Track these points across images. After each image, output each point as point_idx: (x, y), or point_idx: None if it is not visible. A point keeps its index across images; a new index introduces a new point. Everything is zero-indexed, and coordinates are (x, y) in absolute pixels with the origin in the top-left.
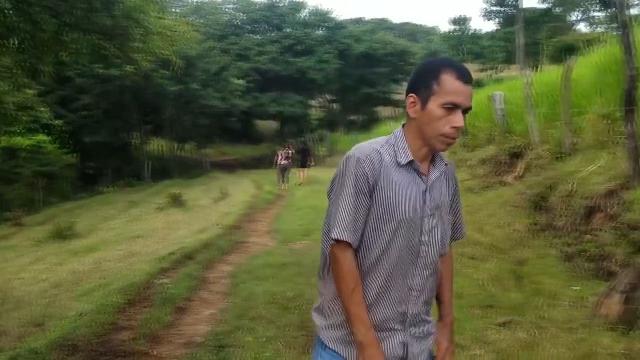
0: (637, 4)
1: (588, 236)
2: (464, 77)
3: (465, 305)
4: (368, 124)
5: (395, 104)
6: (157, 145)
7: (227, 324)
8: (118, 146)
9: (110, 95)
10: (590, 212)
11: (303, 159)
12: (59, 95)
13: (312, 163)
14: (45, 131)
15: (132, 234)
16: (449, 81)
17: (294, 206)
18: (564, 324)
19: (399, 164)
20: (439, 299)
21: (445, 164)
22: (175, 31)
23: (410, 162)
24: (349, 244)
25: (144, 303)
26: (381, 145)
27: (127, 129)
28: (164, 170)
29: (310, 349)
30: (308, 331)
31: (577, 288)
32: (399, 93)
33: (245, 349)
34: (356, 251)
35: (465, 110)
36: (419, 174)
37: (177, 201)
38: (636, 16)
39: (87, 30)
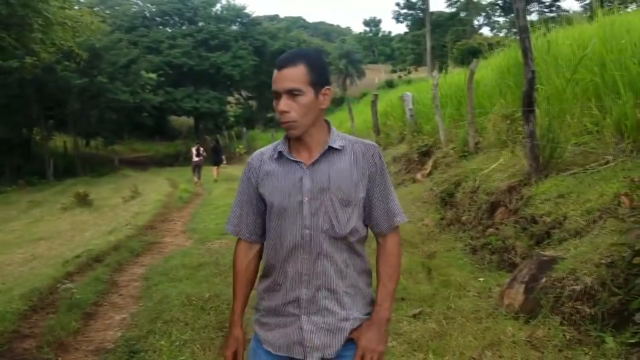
0: (535, 11)
1: (491, 230)
2: (276, 64)
3: None
4: None
5: None
6: (61, 141)
7: (139, 328)
8: (18, 143)
9: (10, 88)
10: (493, 207)
11: (215, 157)
12: None
13: (225, 161)
14: None
15: (34, 236)
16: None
17: (211, 204)
18: (470, 314)
19: (274, 158)
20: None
21: (333, 147)
22: (79, 22)
23: (280, 154)
24: (240, 238)
25: (48, 309)
26: (272, 145)
27: (29, 125)
28: (69, 167)
29: None
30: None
31: (482, 279)
32: None
33: (159, 354)
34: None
35: (287, 93)
36: (295, 162)
37: (83, 201)
38: (534, 22)
39: None
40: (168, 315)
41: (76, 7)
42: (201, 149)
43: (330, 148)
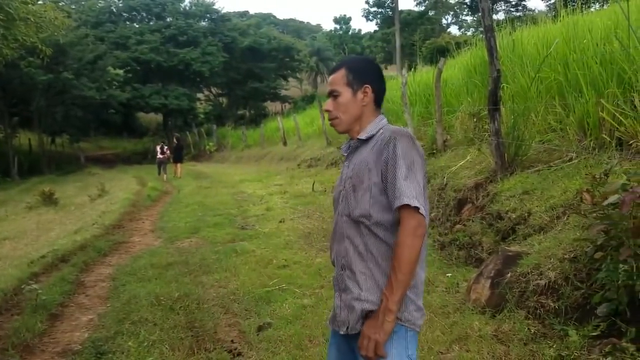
0: (502, 10)
1: (459, 226)
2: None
3: None
4: (257, 119)
5: (283, 99)
6: (26, 139)
7: (106, 329)
8: None
9: None
10: (460, 203)
11: (176, 154)
12: None
13: (185, 158)
14: None
15: None
16: None
17: (180, 203)
18: (439, 309)
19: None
20: None
21: (360, 139)
22: (42, 17)
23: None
24: None
25: (13, 310)
26: None
27: None
28: (34, 165)
29: (197, 349)
30: (195, 332)
31: (450, 275)
32: (286, 89)
33: (127, 355)
34: None
35: (330, 95)
36: (345, 156)
37: (49, 199)
38: (501, 21)
39: None
40: (136, 316)
41: (40, 2)
42: (165, 147)
43: (359, 140)
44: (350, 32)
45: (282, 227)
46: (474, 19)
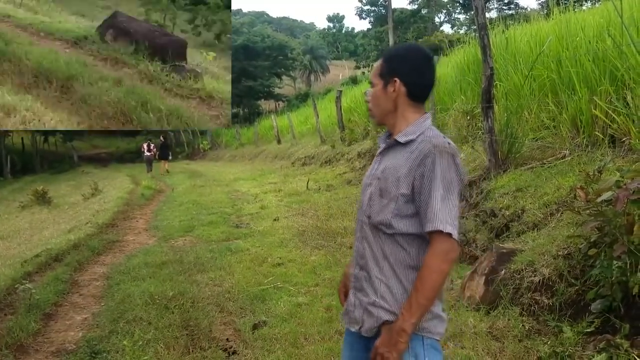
0: (494, 8)
1: None
2: None
3: None
4: (251, 117)
5: (277, 97)
6: (18, 137)
7: (101, 328)
8: None
9: None
10: None
11: (162, 152)
12: None
13: (169, 157)
14: None
15: None
16: None
17: (175, 201)
18: None
19: None
20: None
21: (399, 141)
22: None
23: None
24: None
25: (7, 310)
26: None
27: None
28: (27, 164)
29: (192, 348)
30: (190, 330)
31: None
32: (280, 87)
33: (122, 354)
34: None
35: (370, 84)
36: (379, 147)
37: (42, 199)
38: (493, 19)
39: None
40: (131, 315)
41: None
42: (152, 145)
43: (396, 141)
44: (343, 31)
45: (276, 225)
46: (467, 17)
